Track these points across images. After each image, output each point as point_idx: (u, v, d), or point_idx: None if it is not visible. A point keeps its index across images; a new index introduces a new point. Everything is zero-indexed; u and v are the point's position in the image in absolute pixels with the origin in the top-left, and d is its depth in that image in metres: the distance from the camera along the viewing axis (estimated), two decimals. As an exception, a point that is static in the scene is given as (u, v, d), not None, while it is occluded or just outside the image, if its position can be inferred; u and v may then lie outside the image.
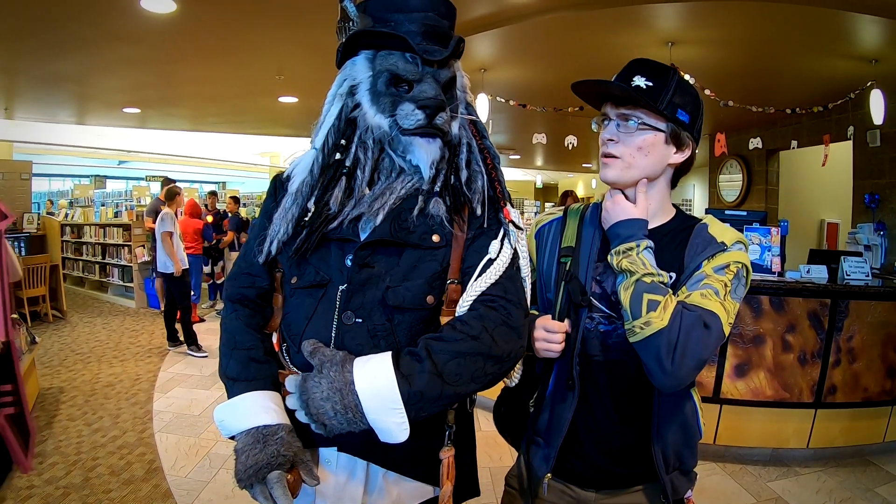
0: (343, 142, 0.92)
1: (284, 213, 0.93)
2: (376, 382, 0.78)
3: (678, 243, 1.01)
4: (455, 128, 0.93)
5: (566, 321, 1.00)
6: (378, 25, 0.89)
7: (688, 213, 1.09)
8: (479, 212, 0.92)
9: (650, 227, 1.02)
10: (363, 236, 0.90)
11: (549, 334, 0.98)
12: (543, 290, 1.09)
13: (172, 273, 4.79)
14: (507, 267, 0.91)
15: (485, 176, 0.95)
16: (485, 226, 0.93)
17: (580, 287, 0.99)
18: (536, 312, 1.09)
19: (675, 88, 0.95)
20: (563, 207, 1.16)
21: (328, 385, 0.78)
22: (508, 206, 0.95)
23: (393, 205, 0.90)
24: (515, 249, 0.94)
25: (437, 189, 0.92)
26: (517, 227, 0.94)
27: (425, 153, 0.90)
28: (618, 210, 0.98)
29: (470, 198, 0.92)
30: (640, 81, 0.94)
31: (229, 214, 7.31)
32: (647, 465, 1.01)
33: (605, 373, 1.00)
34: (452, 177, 0.93)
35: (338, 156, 0.92)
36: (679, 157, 1.00)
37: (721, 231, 0.99)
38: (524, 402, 1.12)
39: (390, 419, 0.78)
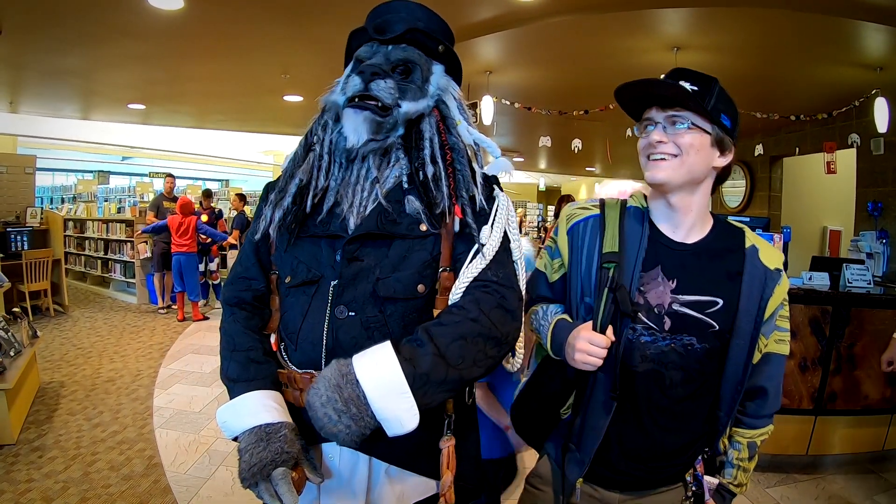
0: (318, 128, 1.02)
1: (276, 190, 1.00)
2: (379, 369, 0.77)
3: (723, 263, 1.00)
4: (406, 107, 0.95)
5: (609, 330, 0.96)
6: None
7: (725, 220, 1.08)
8: (447, 217, 0.92)
9: (691, 241, 1.02)
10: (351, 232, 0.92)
11: (593, 347, 0.95)
12: (581, 294, 1.05)
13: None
14: (497, 251, 0.92)
15: (443, 172, 0.95)
16: (477, 210, 0.94)
17: (629, 298, 0.97)
18: (568, 318, 1.06)
19: (717, 94, 0.97)
20: (597, 202, 1.10)
21: (325, 385, 0.76)
22: (465, 204, 0.94)
23: (362, 208, 0.93)
24: (506, 233, 0.95)
25: (406, 185, 0.94)
26: (470, 227, 0.93)
27: (351, 122, 0.94)
28: None
29: (434, 196, 0.92)
30: (685, 85, 0.95)
31: (224, 214, 7.27)
32: (673, 470, 1.03)
33: (641, 382, 1.00)
34: (421, 172, 0.94)
35: (313, 139, 1.01)
36: (722, 161, 1.01)
37: (769, 255, 1.01)
38: (554, 408, 1.10)
39: (398, 405, 0.76)
